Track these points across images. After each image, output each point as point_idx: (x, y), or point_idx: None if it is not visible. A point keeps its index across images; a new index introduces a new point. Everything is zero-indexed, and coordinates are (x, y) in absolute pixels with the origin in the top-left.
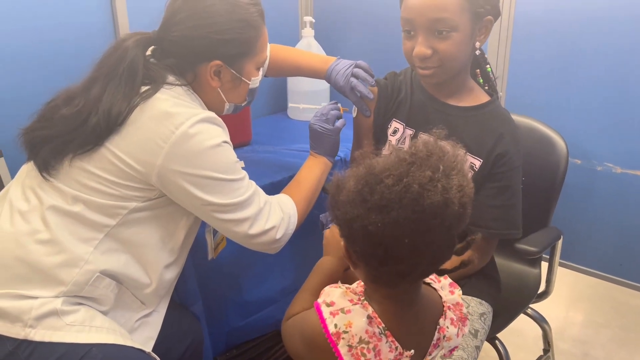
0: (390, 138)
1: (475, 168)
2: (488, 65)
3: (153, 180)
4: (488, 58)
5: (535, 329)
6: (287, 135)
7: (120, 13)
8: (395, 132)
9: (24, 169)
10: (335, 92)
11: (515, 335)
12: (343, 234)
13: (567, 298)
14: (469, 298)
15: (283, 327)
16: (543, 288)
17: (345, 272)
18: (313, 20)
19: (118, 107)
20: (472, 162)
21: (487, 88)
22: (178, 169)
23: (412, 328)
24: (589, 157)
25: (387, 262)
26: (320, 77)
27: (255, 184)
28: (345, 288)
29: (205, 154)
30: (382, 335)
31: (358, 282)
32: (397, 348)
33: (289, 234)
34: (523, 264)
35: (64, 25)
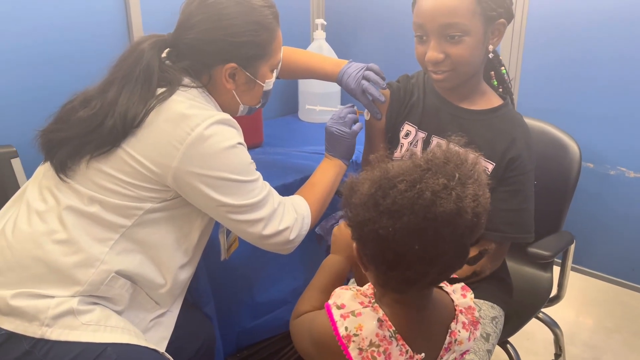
0: (403, 141)
1: (488, 172)
2: (503, 67)
3: (169, 182)
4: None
5: (546, 333)
6: (298, 137)
7: (134, 14)
8: (408, 135)
9: (41, 170)
10: (347, 94)
11: (526, 339)
12: (354, 236)
13: (578, 302)
14: (481, 301)
15: (292, 325)
16: (555, 292)
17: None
18: (325, 23)
19: (134, 109)
20: (484, 165)
21: (501, 90)
22: (193, 171)
23: (422, 331)
24: (602, 161)
25: (396, 267)
26: (332, 79)
27: (270, 185)
28: (356, 290)
29: (221, 156)
30: (392, 339)
31: (369, 284)
32: (407, 351)
33: (303, 235)
34: (535, 268)
35: (79, 27)
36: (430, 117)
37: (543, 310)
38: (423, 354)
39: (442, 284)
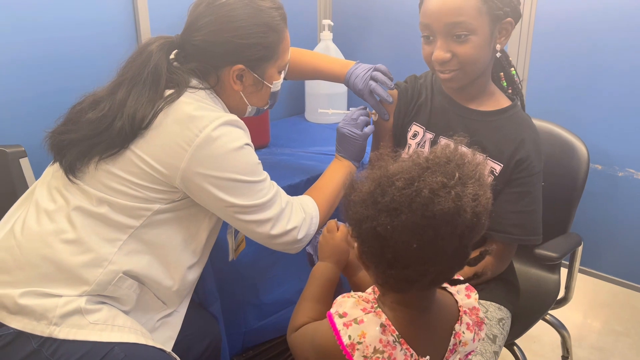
0: (410, 142)
1: (496, 173)
2: (513, 68)
3: (177, 183)
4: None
5: (554, 335)
6: (304, 138)
7: (142, 17)
8: (415, 135)
9: (49, 170)
10: (353, 95)
11: (533, 341)
12: (354, 234)
13: (585, 305)
14: (488, 303)
15: (290, 338)
16: (562, 294)
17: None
18: (332, 24)
19: (142, 111)
20: (492, 166)
21: (510, 91)
22: (201, 172)
23: (426, 334)
24: (611, 162)
25: (394, 265)
26: (339, 81)
27: (277, 185)
28: (357, 297)
29: (228, 157)
30: (396, 344)
31: (371, 287)
32: (412, 355)
33: (311, 235)
34: (542, 270)
35: (88, 29)
36: (438, 118)
37: (550, 313)
38: (428, 357)
39: (446, 285)
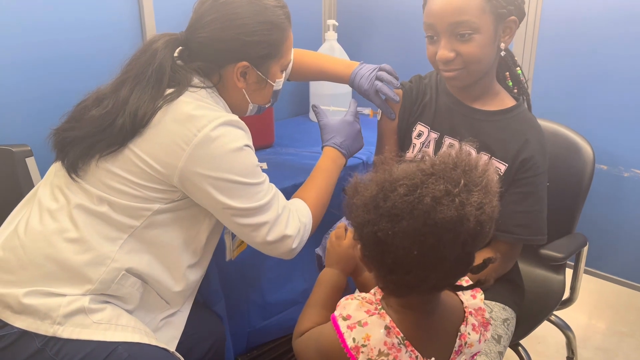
0: (415, 141)
1: (500, 173)
2: (518, 68)
3: (175, 182)
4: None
5: (558, 336)
6: (308, 138)
7: (147, 14)
8: (420, 135)
9: (52, 169)
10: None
11: (538, 342)
12: (356, 237)
13: (590, 305)
14: (492, 303)
15: (295, 343)
16: (567, 295)
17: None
18: (336, 24)
19: (144, 108)
20: (497, 166)
21: (515, 91)
22: (199, 172)
23: (431, 336)
24: (616, 162)
25: (395, 271)
26: (344, 81)
27: (276, 188)
28: (361, 298)
29: (227, 157)
30: (401, 346)
31: (375, 288)
32: (417, 357)
33: (304, 242)
34: (547, 270)
35: (93, 27)
36: (443, 117)
37: (555, 313)
38: (433, 359)
39: None
